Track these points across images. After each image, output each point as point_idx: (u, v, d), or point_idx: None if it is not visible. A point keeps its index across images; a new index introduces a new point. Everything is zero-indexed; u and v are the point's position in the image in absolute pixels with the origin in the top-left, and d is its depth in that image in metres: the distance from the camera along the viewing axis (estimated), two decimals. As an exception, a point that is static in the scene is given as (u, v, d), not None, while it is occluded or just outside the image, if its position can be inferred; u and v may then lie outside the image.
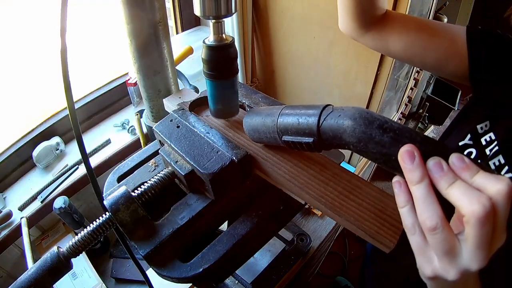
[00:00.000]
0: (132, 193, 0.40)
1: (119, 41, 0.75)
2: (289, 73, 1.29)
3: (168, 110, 0.53)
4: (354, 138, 0.28)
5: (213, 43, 0.37)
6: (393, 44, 0.57)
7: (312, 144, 0.32)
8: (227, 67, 0.39)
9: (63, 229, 0.91)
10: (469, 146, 0.53)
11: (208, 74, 0.40)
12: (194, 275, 0.39)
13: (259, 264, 0.77)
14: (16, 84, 1.18)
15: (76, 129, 0.41)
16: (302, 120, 0.33)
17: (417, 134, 0.26)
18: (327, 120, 0.31)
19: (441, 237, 0.25)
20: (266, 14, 1.18)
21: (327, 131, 0.31)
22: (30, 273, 0.36)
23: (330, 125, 0.30)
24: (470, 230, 0.24)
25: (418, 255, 0.28)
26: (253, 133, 0.40)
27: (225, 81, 0.41)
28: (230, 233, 0.43)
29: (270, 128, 0.37)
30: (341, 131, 0.29)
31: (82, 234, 0.39)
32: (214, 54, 0.38)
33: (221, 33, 0.37)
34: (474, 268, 0.25)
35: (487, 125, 0.51)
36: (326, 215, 0.37)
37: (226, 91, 0.42)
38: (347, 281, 1.58)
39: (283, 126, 0.35)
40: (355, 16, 0.57)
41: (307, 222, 0.96)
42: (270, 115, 0.37)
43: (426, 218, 0.25)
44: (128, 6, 0.50)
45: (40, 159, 0.90)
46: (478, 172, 0.24)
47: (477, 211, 0.23)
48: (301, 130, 0.33)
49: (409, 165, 0.25)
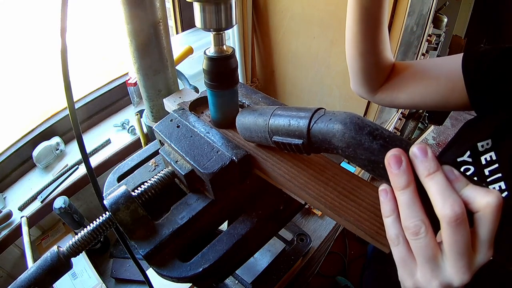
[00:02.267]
0: (132, 193, 0.40)
1: (119, 40, 0.75)
2: (289, 73, 1.30)
3: (168, 110, 0.53)
4: (343, 143, 0.28)
5: (214, 55, 0.38)
6: (398, 100, 0.63)
7: (301, 146, 0.32)
8: (227, 78, 0.40)
9: (63, 229, 0.91)
10: (467, 163, 0.51)
11: (209, 84, 0.40)
12: (194, 275, 0.39)
13: (259, 264, 0.77)
14: (16, 84, 1.18)
15: (76, 129, 0.41)
16: (293, 122, 0.33)
17: (407, 144, 0.26)
18: (317, 123, 0.31)
19: (424, 242, 0.25)
20: (266, 14, 1.18)
21: (317, 134, 0.31)
22: (30, 272, 0.36)
23: (320, 129, 0.30)
24: (443, 233, 0.24)
25: (400, 267, 0.28)
26: (245, 132, 0.40)
27: (225, 91, 0.41)
28: (230, 232, 0.43)
29: (261, 127, 0.37)
30: (331, 135, 0.29)
31: (82, 233, 0.39)
32: (214, 65, 0.39)
33: (221, 44, 0.38)
34: (456, 283, 0.25)
35: (488, 143, 0.49)
36: (326, 215, 0.37)
37: (226, 101, 0.43)
38: (347, 281, 1.58)
39: (274, 126, 0.35)
40: (364, 83, 0.64)
41: (307, 222, 0.96)
42: (262, 114, 0.37)
43: (410, 223, 0.25)
44: (128, 6, 0.50)
45: (40, 159, 0.90)
46: (467, 185, 0.24)
47: (448, 215, 0.23)
48: (291, 132, 0.33)
49: (396, 170, 0.25)
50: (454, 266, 0.24)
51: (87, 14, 1.23)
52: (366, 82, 0.63)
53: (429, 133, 2.48)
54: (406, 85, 0.60)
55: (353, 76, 0.65)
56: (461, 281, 0.24)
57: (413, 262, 0.27)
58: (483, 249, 0.24)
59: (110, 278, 0.86)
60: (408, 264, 0.27)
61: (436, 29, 1.81)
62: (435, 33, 1.74)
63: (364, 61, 0.59)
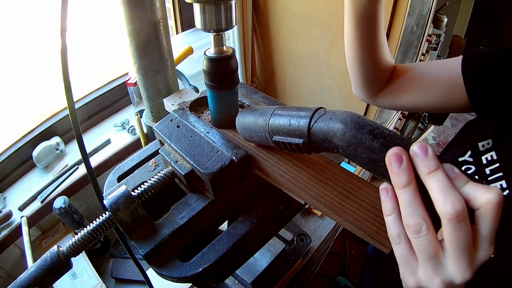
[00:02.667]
0: (132, 193, 0.40)
1: (119, 40, 0.75)
2: (289, 73, 1.30)
3: (168, 110, 0.53)
4: (344, 141, 0.28)
5: (214, 55, 0.38)
6: (398, 103, 0.64)
7: (302, 145, 0.32)
8: (227, 78, 0.40)
9: (63, 229, 0.91)
10: (468, 162, 0.52)
11: (209, 85, 0.40)
12: (194, 275, 0.39)
13: (259, 264, 0.77)
14: (16, 84, 1.18)
15: (76, 129, 0.41)
16: (294, 121, 0.33)
17: (408, 142, 0.26)
18: (318, 123, 0.31)
19: (426, 240, 0.25)
20: (266, 14, 1.18)
21: (317, 133, 0.31)
22: (30, 272, 0.36)
23: (321, 128, 0.30)
24: (444, 230, 0.24)
25: (402, 265, 0.28)
26: (245, 131, 0.40)
27: (225, 92, 0.41)
28: (230, 233, 0.43)
29: (261, 127, 0.37)
30: (331, 134, 0.29)
31: (82, 233, 0.39)
32: (215, 66, 0.39)
33: (221, 45, 0.38)
34: (458, 280, 0.25)
35: (489, 143, 0.50)
36: (325, 215, 0.37)
37: (226, 101, 0.43)
38: (347, 281, 1.58)
39: (275, 126, 0.35)
40: (364, 88, 0.65)
41: (307, 222, 0.96)
42: (262, 114, 0.37)
43: (411, 221, 0.25)
44: (128, 6, 0.50)
45: (40, 159, 0.90)
46: (468, 182, 0.24)
47: (449, 212, 0.23)
48: (291, 131, 0.33)
49: (396, 168, 0.25)
50: (456, 264, 0.24)
51: (87, 14, 1.23)
52: (366, 86, 0.64)
53: (429, 133, 2.48)
54: (407, 88, 0.61)
55: (353, 81, 0.66)
56: (463, 278, 0.24)
57: (415, 260, 0.27)
58: (484, 246, 0.24)
59: (110, 278, 0.86)
60: (410, 263, 0.27)
61: (436, 29, 1.82)
62: (435, 33, 1.74)
63: (363, 66, 0.60)
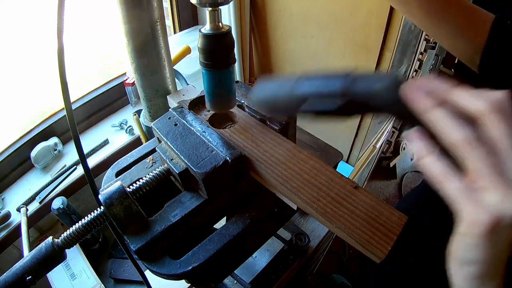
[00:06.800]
0: (127, 189, 0.40)
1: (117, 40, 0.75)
2: (287, 72, 1.30)
3: (171, 107, 0.53)
4: (384, 101, 0.29)
5: (210, 32, 0.37)
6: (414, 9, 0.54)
7: (337, 108, 0.31)
8: (223, 56, 0.38)
9: (62, 230, 0.91)
10: None
11: (204, 63, 0.39)
12: (183, 273, 0.39)
13: (257, 264, 0.77)
14: (14, 85, 1.17)
15: (73, 129, 0.41)
16: (328, 83, 0.31)
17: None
18: (354, 84, 0.30)
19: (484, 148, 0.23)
20: (264, 13, 1.18)
21: (358, 93, 0.30)
22: (25, 261, 0.37)
23: (360, 89, 0.30)
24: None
25: (464, 200, 0.24)
26: (266, 102, 0.38)
27: (221, 71, 0.40)
28: (222, 233, 0.42)
29: (288, 93, 0.34)
30: (372, 94, 0.29)
31: (76, 226, 0.40)
32: (210, 43, 0.37)
33: (217, 21, 0.37)
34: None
35: None
36: (317, 220, 0.36)
37: (222, 81, 0.41)
38: (343, 278, 1.58)
39: (306, 91, 0.33)
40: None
41: (305, 222, 0.96)
42: (288, 80, 0.35)
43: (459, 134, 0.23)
44: (126, 6, 0.50)
45: (38, 160, 0.89)
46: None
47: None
48: (325, 94, 0.31)
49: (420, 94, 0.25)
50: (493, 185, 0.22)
51: (85, 13, 1.23)
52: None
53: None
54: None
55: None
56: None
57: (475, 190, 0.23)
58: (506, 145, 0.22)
59: (109, 279, 0.86)
60: (471, 193, 0.23)
61: (434, 28, 1.81)
62: (433, 32, 1.74)
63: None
